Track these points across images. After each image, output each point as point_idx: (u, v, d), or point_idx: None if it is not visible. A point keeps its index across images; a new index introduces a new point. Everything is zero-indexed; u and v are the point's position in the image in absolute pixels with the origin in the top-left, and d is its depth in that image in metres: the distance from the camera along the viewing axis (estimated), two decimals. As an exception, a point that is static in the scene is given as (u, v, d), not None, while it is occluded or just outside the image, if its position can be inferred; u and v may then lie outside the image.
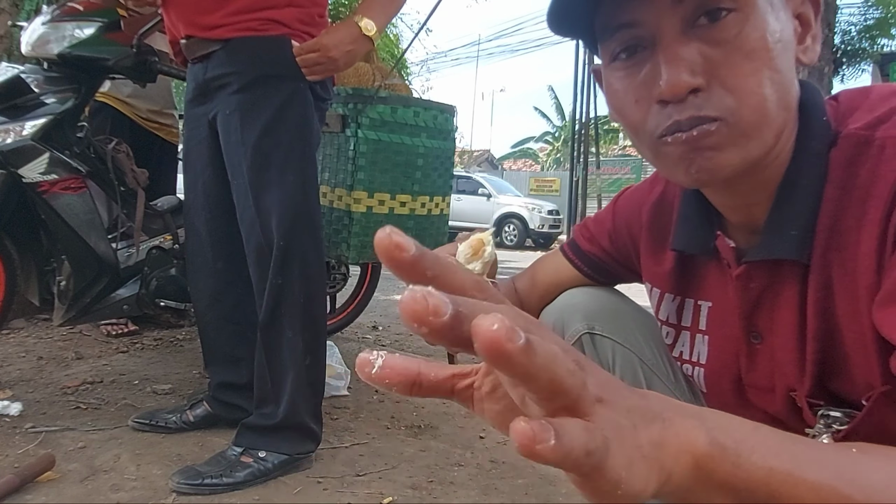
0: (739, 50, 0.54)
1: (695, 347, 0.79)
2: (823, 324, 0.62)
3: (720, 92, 0.55)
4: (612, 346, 0.92)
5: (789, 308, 0.65)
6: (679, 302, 0.80)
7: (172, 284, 2.07)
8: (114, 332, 2.72)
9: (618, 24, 0.58)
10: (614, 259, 0.92)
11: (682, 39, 0.55)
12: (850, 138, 0.59)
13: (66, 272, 1.89)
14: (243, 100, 1.56)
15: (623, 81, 0.61)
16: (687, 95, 0.55)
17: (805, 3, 0.62)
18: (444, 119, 2.49)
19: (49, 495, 1.38)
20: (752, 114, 0.55)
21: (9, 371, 2.21)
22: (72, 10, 1.92)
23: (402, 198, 2.38)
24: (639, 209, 0.85)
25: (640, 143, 0.63)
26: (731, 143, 0.56)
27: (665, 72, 0.55)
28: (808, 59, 0.62)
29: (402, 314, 0.27)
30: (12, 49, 2.86)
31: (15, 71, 1.88)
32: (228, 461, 1.52)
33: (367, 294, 2.92)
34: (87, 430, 1.73)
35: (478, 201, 13.37)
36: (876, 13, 12.94)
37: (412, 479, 1.57)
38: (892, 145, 0.55)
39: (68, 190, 1.86)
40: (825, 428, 0.66)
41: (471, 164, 26.58)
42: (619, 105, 0.63)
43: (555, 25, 0.63)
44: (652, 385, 0.91)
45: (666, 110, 0.57)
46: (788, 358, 0.66)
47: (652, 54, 0.57)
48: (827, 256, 0.60)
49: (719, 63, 0.55)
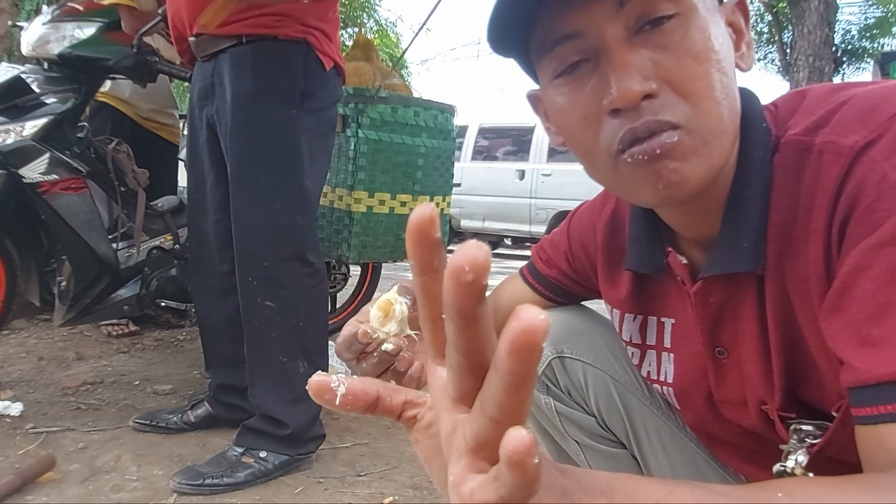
0: (687, 53, 0.53)
1: (661, 366, 0.78)
2: (786, 334, 0.61)
3: (673, 98, 0.53)
4: (582, 367, 0.90)
5: (750, 320, 0.63)
6: (642, 321, 0.78)
7: (173, 285, 2.07)
8: (114, 333, 2.72)
9: (558, 37, 0.55)
10: (574, 281, 0.89)
11: (627, 46, 0.53)
12: (790, 145, 0.58)
13: (67, 272, 1.89)
14: (239, 114, 1.54)
15: (568, 97, 0.57)
16: (640, 102, 0.53)
17: (735, 12, 0.62)
18: (444, 119, 2.49)
19: (50, 496, 1.38)
20: (709, 119, 0.54)
21: (9, 371, 2.21)
22: (72, 10, 1.92)
23: (402, 197, 2.38)
24: (593, 229, 0.83)
25: (594, 166, 0.60)
26: (694, 153, 0.54)
27: (615, 80, 0.53)
28: (745, 66, 0.61)
29: None
30: (13, 49, 2.86)
31: (15, 71, 1.88)
32: (229, 461, 1.52)
33: (368, 294, 2.93)
34: (88, 431, 1.73)
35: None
36: (876, 12, 12.94)
37: (413, 478, 1.57)
38: (830, 151, 0.54)
39: (69, 190, 1.86)
40: (799, 443, 0.64)
41: (471, 164, 26.54)
42: (566, 124, 0.59)
43: (495, 42, 0.60)
44: (628, 403, 0.89)
45: (619, 121, 0.54)
46: (755, 370, 0.65)
47: (596, 66, 0.55)
48: (780, 266, 0.59)
49: (669, 67, 0.53)
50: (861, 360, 0.48)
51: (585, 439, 0.93)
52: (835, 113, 0.56)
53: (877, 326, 0.48)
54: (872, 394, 0.47)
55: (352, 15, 13.42)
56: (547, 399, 0.93)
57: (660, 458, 0.89)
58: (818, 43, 8.31)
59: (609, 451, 0.93)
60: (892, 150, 0.51)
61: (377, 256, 2.42)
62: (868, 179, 0.51)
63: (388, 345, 0.51)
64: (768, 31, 13.84)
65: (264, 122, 1.53)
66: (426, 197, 2.47)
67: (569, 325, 0.91)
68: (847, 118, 0.55)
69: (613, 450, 0.93)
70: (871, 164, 0.51)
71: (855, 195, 0.51)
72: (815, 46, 8.31)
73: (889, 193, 0.49)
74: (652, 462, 0.90)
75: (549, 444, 1.00)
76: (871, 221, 0.50)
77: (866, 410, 0.48)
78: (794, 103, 0.62)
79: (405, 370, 0.55)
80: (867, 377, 0.48)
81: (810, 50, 8.34)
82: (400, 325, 0.52)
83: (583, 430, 0.93)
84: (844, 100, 0.56)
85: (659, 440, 0.89)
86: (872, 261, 0.49)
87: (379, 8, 14.08)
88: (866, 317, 0.49)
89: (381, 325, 0.51)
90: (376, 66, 2.54)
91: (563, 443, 0.96)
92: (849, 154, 0.53)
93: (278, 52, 1.53)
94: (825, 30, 8.35)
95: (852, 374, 0.49)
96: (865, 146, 0.52)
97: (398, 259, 2.51)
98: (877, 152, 0.51)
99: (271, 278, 1.56)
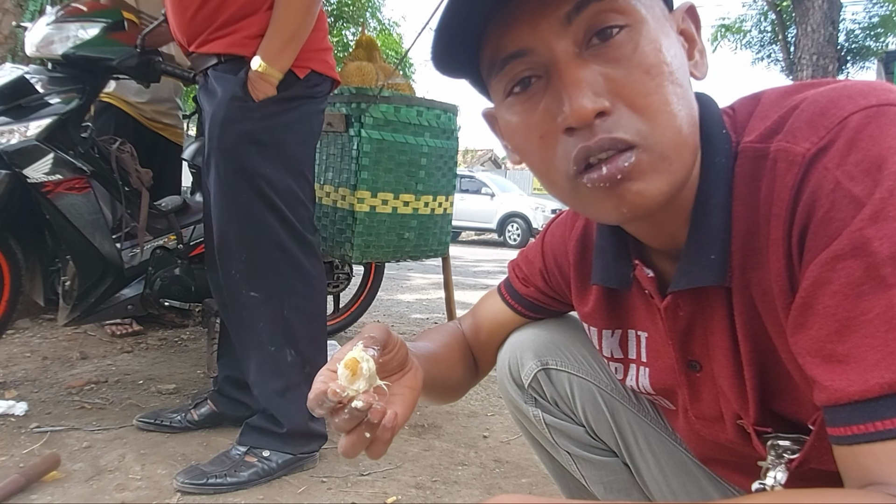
0: (639, 66, 0.52)
1: (639, 381, 0.77)
2: (757, 346, 0.60)
3: (628, 114, 0.51)
4: (568, 378, 0.90)
5: (721, 333, 0.62)
6: (621, 335, 0.77)
7: (177, 284, 2.07)
8: (118, 332, 2.73)
9: (506, 56, 0.54)
10: (552, 298, 0.88)
11: (578, 62, 0.52)
12: (747, 152, 0.57)
13: (71, 272, 1.89)
14: (210, 139, 1.57)
15: (521, 117, 0.56)
16: (594, 120, 0.51)
17: (686, 20, 0.60)
18: (447, 118, 2.49)
19: (54, 495, 1.38)
20: (666, 133, 0.52)
21: (14, 371, 2.22)
22: (76, 10, 1.93)
23: (405, 197, 2.38)
24: (565, 246, 0.82)
25: (553, 185, 0.58)
26: (654, 170, 0.52)
27: (567, 98, 0.51)
28: (700, 74, 0.60)
29: None
30: (17, 50, 2.87)
31: (19, 71, 1.88)
32: (233, 461, 1.52)
33: (371, 293, 2.93)
34: (92, 430, 1.74)
35: (481, 201, 13.36)
36: (881, 11, 12.89)
37: (416, 478, 1.57)
38: (783, 159, 0.53)
39: (73, 190, 1.86)
40: (777, 459, 0.63)
41: (474, 164, 26.57)
42: (522, 145, 0.58)
43: (442, 65, 0.59)
44: (615, 410, 0.89)
45: (574, 139, 0.53)
46: (729, 384, 0.64)
47: (548, 83, 0.54)
48: (746, 277, 0.58)
49: (622, 82, 0.52)
50: (830, 378, 0.48)
51: (576, 449, 0.93)
52: (787, 118, 0.55)
53: (841, 343, 0.48)
54: (845, 413, 0.47)
55: (354, 15, 13.44)
56: (535, 411, 0.93)
57: (651, 465, 0.89)
58: (822, 42, 8.29)
59: (601, 461, 0.93)
60: (843, 157, 0.50)
61: (380, 256, 2.42)
62: (822, 188, 0.50)
63: (357, 402, 0.54)
64: (772, 30, 13.81)
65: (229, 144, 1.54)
66: (429, 196, 2.47)
67: (551, 336, 0.91)
68: (798, 124, 0.54)
69: (605, 458, 0.93)
70: (823, 173, 0.50)
71: (811, 205, 0.51)
72: (819, 45, 8.29)
73: (842, 202, 0.49)
74: (643, 469, 0.90)
75: (542, 455, 1.00)
76: (828, 232, 0.49)
77: (840, 430, 0.48)
78: (749, 107, 0.60)
79: (378, 421, 0.56)
80: (837, 396, 0.47)
81: (814, 49, 8.32)
82: (368, 381, 0.54)
83: (573, 440, 0.93)
84: (796, 104, 0.55)
85: (648, 447, 0.89)
86: (830, 275, 0.48)
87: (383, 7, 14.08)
88: (830, 333, 0.48)
89: (349, 382, 0.53)
90: (379, 65, 2.54)
91: (556, 454, 0.96)
92: (801, 162, 0.52)
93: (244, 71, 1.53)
94: (829, 28, 8.33)
95: (823, 393, 0.49)
96: (817, 153, 0.51)
97: (401, 259, 2.51)
98: (829, 160, 0.50)
99: (251, 269, 1.58)
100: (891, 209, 0.47)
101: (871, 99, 0.51)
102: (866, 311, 0.46)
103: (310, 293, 1.66)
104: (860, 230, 0.47)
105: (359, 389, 0.52)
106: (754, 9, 14.44)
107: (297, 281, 1.63)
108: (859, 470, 0.46)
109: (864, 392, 0.45)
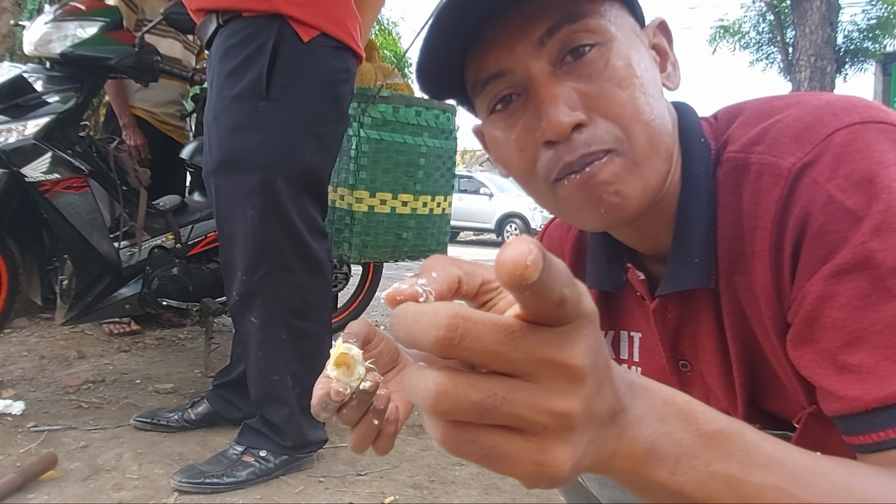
0: (611, 80, 0.55)
1: None
2: (745, 347, 0.61)
3: (603, 124, 0.54)
4: None
5: (709, 334, 0.64)
6: (614, 336, 0.78)
7: (174, 283, 2.07)
8: (116, 332, 2.73)
9: (487, 77, 0.58)
10: None
11: (553, 80, 0.55)
12: (729, 162, 0.59)
13: (69, 271, 1.89)
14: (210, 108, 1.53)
15: (504, 132, 0.60)
16: (571, 133, 0.54)
17: (657, 35, 0.63)
18: (445, 118, 2.49)
19: (51, 494, 1.38)
20: (638, 141, 0.55)
21: (11, 370, 2.21)
22: (74, 9, 1.93)
23: (404, 197, 2.38)
24: (562, 249, 0.83)
25: (537, 195, 0.62)
26: (629, 173, 0.55)
27: (544, 113, 0.55)
28: (672, 85, 0.62)
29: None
30: (15, 49, 2.87)
31: (17, 70, 1.88)
32: (230, 460, 1.52)
33: (369, 293, 2.93)
34: (89, 429, 1.74)
35: (480, 201, 13.36)
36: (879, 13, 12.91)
37: (413, 478, 1.57)
38: (768, 173, 0.55)
39: (70, 189, 1.86)
40: None
41: (473, 164, 26.57)
42: (504, 156, 0.61)
43: (429, 90, 0.62)
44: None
45: (554, 152, 0.56)
46: (718, 383, 0.65)
47: (527, 100, 0.57)
48: (732, 281, 0.60)
49: (595, 95, 0.55)
50: (844, 388, 0.48)
51: None
52: (769, 130, 0.57)
53: (853, 354, 0.48)
54: (863, 422, 0.47)
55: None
56: None
57: None
58: (820, 43, 8.30)
59: None
60: (832, 171, 0.51)
61: (378, 256, 2.42)
62: (814, 202, 0.51)
63: (365, 383, 0.53)
64: (770, 32, 13.83)
65: (229, 122, 1.48)
66: (427, 196, 2.47)
67: None
68: (782, 139, 0.55)
69: None
70: (814, 186, 0.51)
71: (803, 218, 0.52)
72: (817, 47, 8.31)
73: (837, 215, 0.50)
74: None
75: None
76: (824, 245, 0.50)
77: (861, 439, 0.48)
78: (731, 117, 0.63)
79: (384, 407, 0.56)
80: (854, 406, 0.48)
81: (812, 50, 8.33)
82: (363, 365, 0.53)
83: None
84: (779, 118, 0.57)
85: None
86: (837, 288, 0.49)
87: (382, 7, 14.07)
88: (841, 345, 0.49)
89: (347, 377, 0.53)
90: (378, 65, 2.54)
91: None
92: (787, 176, 0.53)
93: (243, 32, 1.46)
94: (827, 30, 8.35)
95: (838, 402, 0.49)
96: (804, 167, 0.52)
97: (399, 259, 2.51)
98: (818, 173, 0.51)
99: (249, 293, 1.53)
100: (892, 221, 0.48)
101: (854, 116, 0.52)
102: (876, 321, 0.47)
103: (310, 312, 1.60)
104: (863, 244, 0.48)
105: (360, 375, 0.52)
106: (753, 10, 14.48)
107: (294, 301, 1.56)
108: None
109: (884, 399, 0.46)
